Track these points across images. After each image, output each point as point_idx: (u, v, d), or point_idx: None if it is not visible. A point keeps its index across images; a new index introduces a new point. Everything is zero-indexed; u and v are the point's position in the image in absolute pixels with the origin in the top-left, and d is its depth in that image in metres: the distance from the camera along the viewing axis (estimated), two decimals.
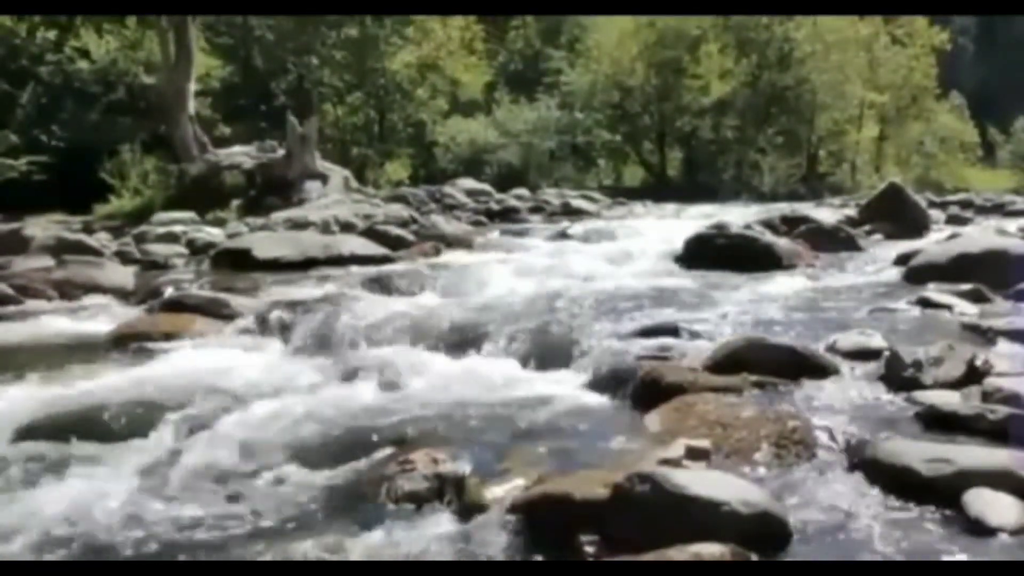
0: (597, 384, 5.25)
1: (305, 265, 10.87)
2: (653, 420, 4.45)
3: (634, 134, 41.85)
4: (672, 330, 6.10)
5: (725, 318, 6.64)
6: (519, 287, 8.55)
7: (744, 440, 3.92)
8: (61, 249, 12.57)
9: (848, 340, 5.48)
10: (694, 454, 3.59)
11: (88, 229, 16.45)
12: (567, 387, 5.28)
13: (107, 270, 10.61)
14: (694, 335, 6.03)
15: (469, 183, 24.08)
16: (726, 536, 2.93)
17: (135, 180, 21.46)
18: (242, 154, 20.88)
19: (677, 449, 3.60)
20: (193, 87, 22.32)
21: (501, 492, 3.62)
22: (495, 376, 5.57)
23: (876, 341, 5.43)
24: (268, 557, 3.28)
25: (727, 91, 38.91)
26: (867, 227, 13.17)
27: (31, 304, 9.07)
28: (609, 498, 3.23)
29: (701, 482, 3.13)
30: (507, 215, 19.09)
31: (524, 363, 5.86)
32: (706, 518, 3.00)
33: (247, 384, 5.51)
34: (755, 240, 10.14)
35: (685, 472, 3.29)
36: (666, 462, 3.44)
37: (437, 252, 12.12)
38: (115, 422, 4.86)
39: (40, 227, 15.62)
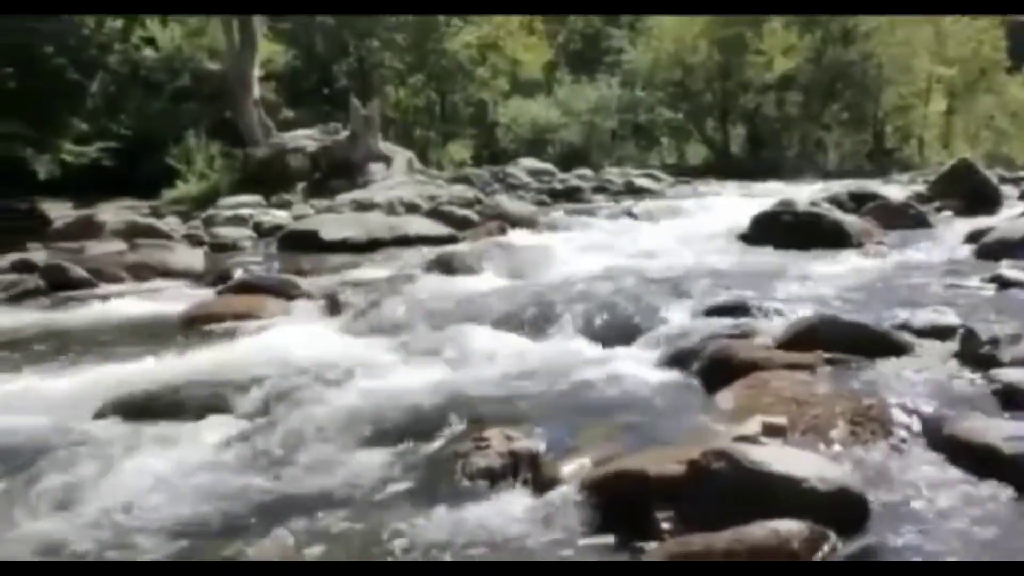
0: (667, 361, 5.22)
1: (371, 246, 10.95)
2: (725, 397, 4.42)
3: (696, 112, 41.43)
4: (742, 308, 6.06)
5: (795, 296, 6.58)
6: (586, 266, 8.52)
7: (819, 418, 3.88)
8: (133, 233, 12.81)
9: (922, 317, 5.40)
10: (770, 431, 3.56)
11: (157, 214, 16.71)
12: (637, 365, 5.24)
13: (177, 253, 10.78)
14: (764, 313, 5.98)
15: (531, 163, 24.02)
16: (804, 513, 2.91)
17: (201, 165, 21.72)
18: (306, 137, 21.02)
19: (753, 426, 3.57)
20: (257, 72, 22.48)
21: (575, 469, 3.62)
22: (565, 354, 5.57)
23: (950, 318, 5.34)
24: (339, 534, 3.32)
25: (791, 67, 38.36)
26: (937, 204, 12.95)
27: (106, 287, 9.25)
28: (685, 475, 3.22)
29: (779, 459, 3.11)
30: (570, 195, 19.02)
31: (593, 341, 5.85)
32: (784, 495, 2.98)
33: (318, 363, 5.54)
34: (823, 217, 10.03)
35: (762, 448, 3.26)
36: (742, 439, 3.42)
37: (502, 232, 12.11)
38: (190, 401, 4.93)
39: (111, 213, 15.91)
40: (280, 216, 14.48)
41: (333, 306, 7.19)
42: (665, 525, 3.13)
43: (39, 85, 18.75)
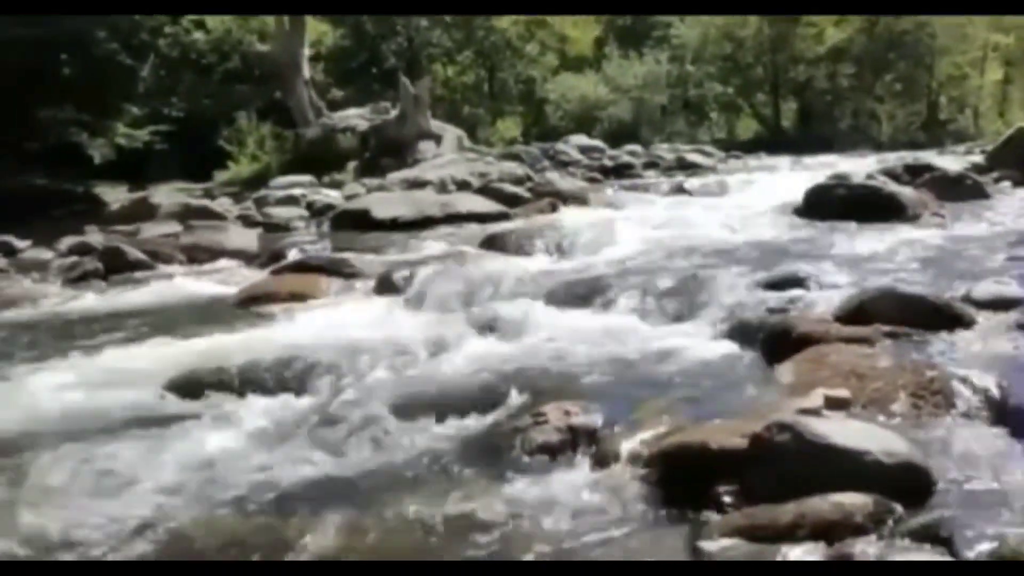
0: (723, 336, 5.21)
1: (423, 224, 10.98)
2: (785, 371, 4.39)
3: (747, 86, 41.03)
4: (798, 281, 6.01)
5: (851, 269, 6.50)
6: (639, 241, 8.49)
7: (881, 391, 3.84)
8: (187, 215, 12.95)
9: (983, 290, 5.30)
10: (833, 404, 3.53)
11: (209, 195, 16.86)
12: (693, 339, 5.24)
13: (231, 234, 10.88)
14: (821, 286, 5.93)
15: (581, 139, 23.93)
16: (869, 486, 2.88)
17: (252, 146, 21.85)
18: (356, 116, 21.09)
19: (815, 399, 3.54)
20: (307, 52, 22.54)
21: (634, 443, 3.62)
22: (620, 329, 5.57)
23: (1013, 290, 5.25)
24: (402, 508, 3.34)
25: (843, 38, 37.85)
26: (994, 175, 12.74)
27: (162, 268, 9.38)
28: (747, 448, 3.20)
29: (843, 431, 3.08)
30: (621, 171, 18.94)
31: (648, 316, 5.84)
32: (849, 468, 2.95)
33: (374, 341, 5.59)
34: (878, 190, 9.91)
35: (826, 421, 3.24)
36: (805, 411, 3.39)
37: (554, 209, 12.08)
38: (248, 378, 5.00)
39: (164, 195, 16.10)
40: (332, 196, 14.54)
41: (387, 284, 7.21)
42: (727, 498, 3.12)
43: (93, 70, 18.94)
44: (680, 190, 14.13)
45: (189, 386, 4.91)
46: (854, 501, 2.83)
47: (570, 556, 2.96)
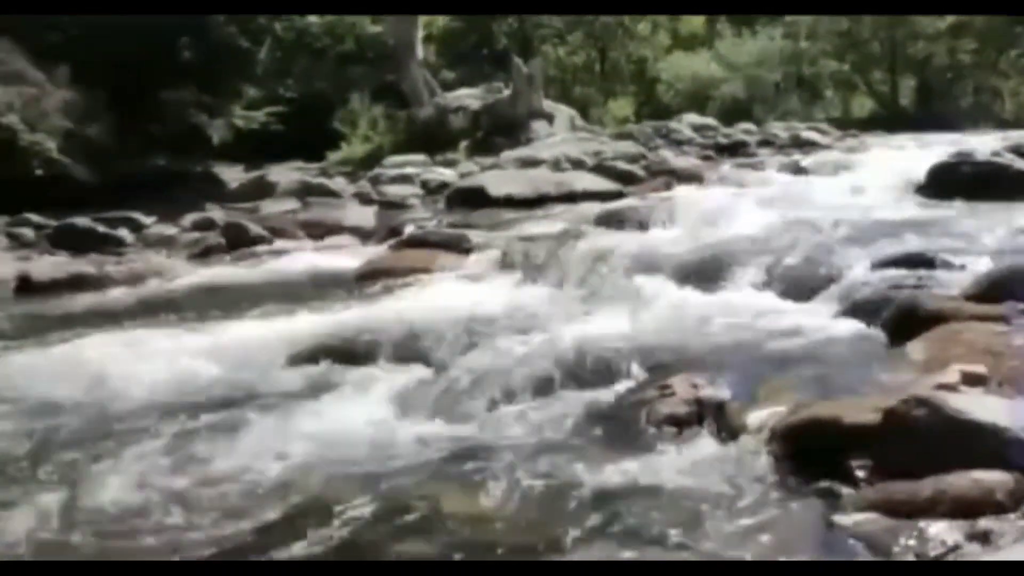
0: (848, 313, 5.10)
1: (538, 202, 10.96)
2: (915, 348, 4.28)
3: (863, 63, 40.04)
4: (924, 260, 5.84)
5: (979, 248, 6.29)
6: (757, 219, 8.33)
7: (1018, 369, 3.72)
8: (304, 192, 13.18)
9: None
10: (969, 380, 3.43)
11: (324, 175, 17.06)
12: (817, 316, 5.15)
13: (349, 211, 11.05)
14: (947, 265, 5.76)
15: (695, 118, 23.62)
16: (1008, 463, 2.80)
17: (365, 127, 22.04)
18: (469, 96, 21.14)
19: (952, 375, 3.45)
20: (420, 34, 22.67)
21: (763, 417, 3.59)
22: (741, 306, 5.50)
23: None
24: (527, 476, 3.36)
25: None
26: None
27: (281, 243, 9.57)
28: (881, 423, 3.14)
29: (982, 407, 3.00)
30: (736, 149, 18.62)
31: (770, 293, 5.76)
32: (989, 444, 2.87)
33: (494, 313, 5.64)
34: (1006, 168, 9.59)
35: (964, 396, 3.15)
36: (943, 386, 3.31)
37: (668, 187, 11.96)
38: (370, 350, 5.09)
39: (281, 174, 16.37)
40: (446, 174, 14.61)
41: (505, 260, 7.24)
42: (860, 473, 3.08)
43: (211, 54, 19.29)
44: (797, 168, 13.83)
45: (313, 357, 5.02)
46: (994, 478, 2.76)
47: (700, 527, 2.95)
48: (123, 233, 10.16)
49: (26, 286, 8.10)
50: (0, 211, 11.85)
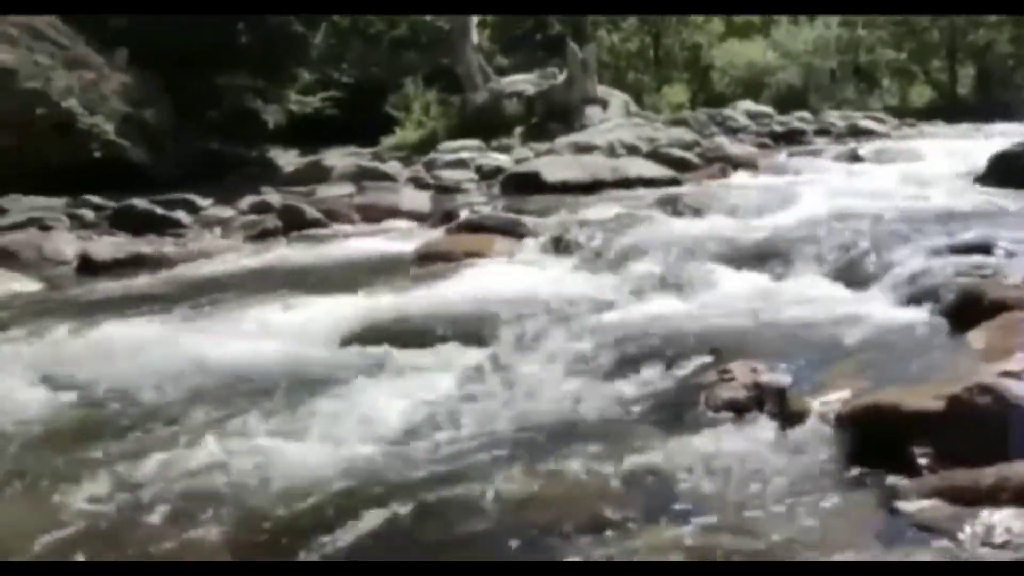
0: (906, 301, 5.05)
1: (593, 187, 10.96)
2: (977, 337, 4.23)
3: (921, 51, 39.50)
4: (984, 248, 5.75)
5: None
6: (814, 206, 8.27)
7: None
8: (359, 176, 13.26)
9: None
10: None
11: (379, 159, 17.13)
12: (875, 303, 5.12)
13: (404, 195, 11.10)
14: (1009, 253, 5.69)
15: (750, 106, 23.46)
16: None
17: (418, 112, 22.12)
18: (524, 82, 21.15)
19: (1017, 362, 3.40)
20: (475, 19, 22.67)
21: (823, 403, 3.57)
22: (799, 292, 5.48)
23: None
24: (585, 460, 3.35)
25: None
26: None
27: (338, 227, 9.64)
28: (944, 410, 3.10)
29: None
30: (791, 137, 18.49)
31: (829, 280, 5.72)
32: None
33: (551, 297, 5.64)
34: None
35: None
36: (1006, 375, 3.27)
37: (724, 174, 11.93)
38: (427, 333, 5.11)
39: (335, 158, 16.47)
40: (500, 159, 14.64)
41: (561, 244, 7.24)
42: (922, 460, 3.05)
43: (267, 38, 19.42)
44: (854, 157, 13.70)
45: (371, 338, 5.04)
46: None
47: (761, 512, 2.93)
48: (181, 215, 10.26)
49: (87, 265, 8.23)
50: (61, 192, 12.05)
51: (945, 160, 12.38)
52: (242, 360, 4.83)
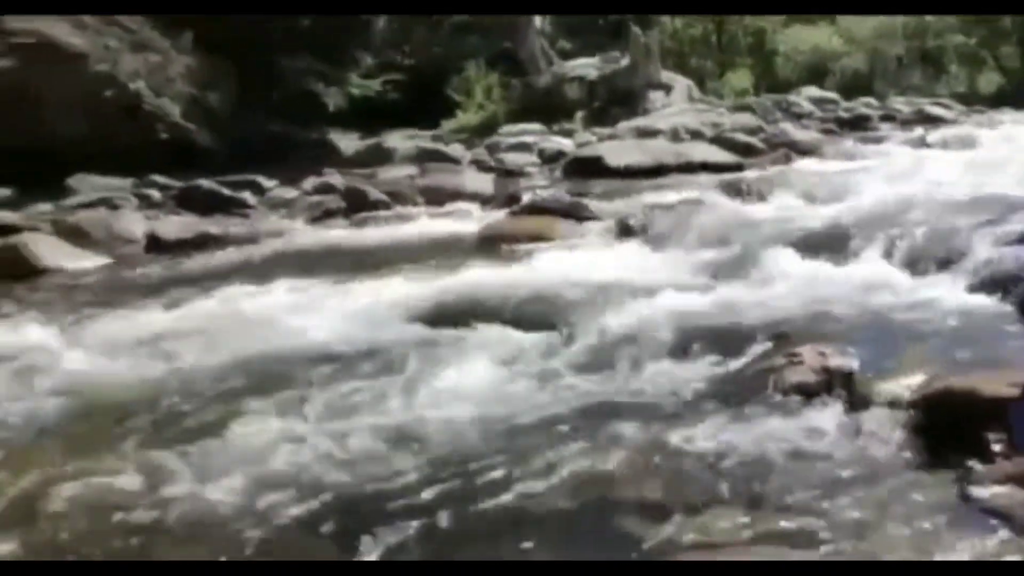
0: (978, 288, 5.01)
1: (657, 172, 10.94)
2: None
3: (991, 36, 38.81)
4: None
5: None
6: (881, 193, 8.15)
7: None
8: (422, 159, 13.30)
9: None
10: None
11: (440, 142, 17.16)
12: (944, 290, 5.07)
13: (467, 177, 11.12)
14: None
15: (814, 91, 23.26)
16: None
17: (480, 95, 22.12)
18: (586, 66, 21.10)
19: None
20: None
21: (893, 389, 3.54)
22: (869, 278, 5.41)
23: None
24: (654, 439, 3.36)
25: None
26: None
27: (401, 209, 9.69)
28: (1019, 397, 3.08)
29: None
30: (857, 123, 18.26)
31: (897, 266, 5.65)
32: None
33: (616, 280, 5.65)
34: None
35: None
36: None
37: (788, 160, 11.82)
38: (493, 313, 5.13)
39: (396, 141, 16.52)
40: (563, 143, 14.64)
41: (625, 228, 7.24)
42: (996, 447, 3.02)
43: (329, 21, 19.49)
44: (922, 143, 13.53)
45: (439, 318, 5.08)
46: None
47: (831, 496, 2.92)
48: (246, 195, 10.36)
49: (155, 244, 8.37)
50: (128, 173, 12.23)
51: (1016, 148, 12.19)
52: (315, 337, 4.90)
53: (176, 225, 8.87)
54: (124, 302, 5.95)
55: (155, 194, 11.23)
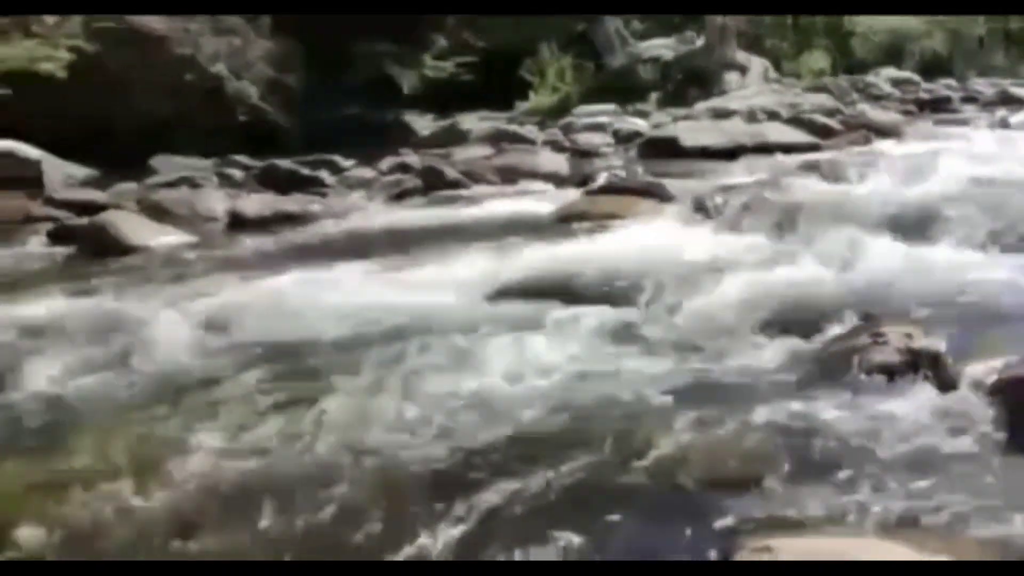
0: None
1: (733, 153, 10.86)
2: None
3: None
4: None
5: None
6: (964, 175, 8.02)
7: None
8: (497, 139, 13.33)
9: None
10: None
11: (515, 123, 17.17)
12: None
13: (542, 157, 11.13)
14: None
15: (893, 72, 22.95)
16: None
17: (553, 77, 22.08)
18: (661, 46, 20.96)
19: None
20: None
21: (982, 370, 3.52)
22: (952, 260, 5.38)
23: None
24: (738, 415, 3.38)
25: None
26: None
27: (477, 188, 9.73)
28: None
29: None
30: (937, 105, 17.94)
31: (981, 249, 5.59)
32: None
33: (694, 259, 5.68)
34: None
35: None
36: None
37: (867, 141, 11.68)
38: (574, 290, 5.19)
39: (471, 122, 16.57)
40: (638, 124, 14.57)
41: (702, 208, 7.20)
42: None
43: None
44: (1004, 125, 13.29)
45: (521, 294, 5.14)
46: None
47: (920, 476, 2.92)
48: (324, 175, 10.47)
49: (237, 221, 8.51)
50: (210, 153, 12.45)
51: None
52: (400, 311, 4.95)
53: (256, 203, 8.98)
54: (210, 278, 6.07)
55: (235, 173, 11.39)
